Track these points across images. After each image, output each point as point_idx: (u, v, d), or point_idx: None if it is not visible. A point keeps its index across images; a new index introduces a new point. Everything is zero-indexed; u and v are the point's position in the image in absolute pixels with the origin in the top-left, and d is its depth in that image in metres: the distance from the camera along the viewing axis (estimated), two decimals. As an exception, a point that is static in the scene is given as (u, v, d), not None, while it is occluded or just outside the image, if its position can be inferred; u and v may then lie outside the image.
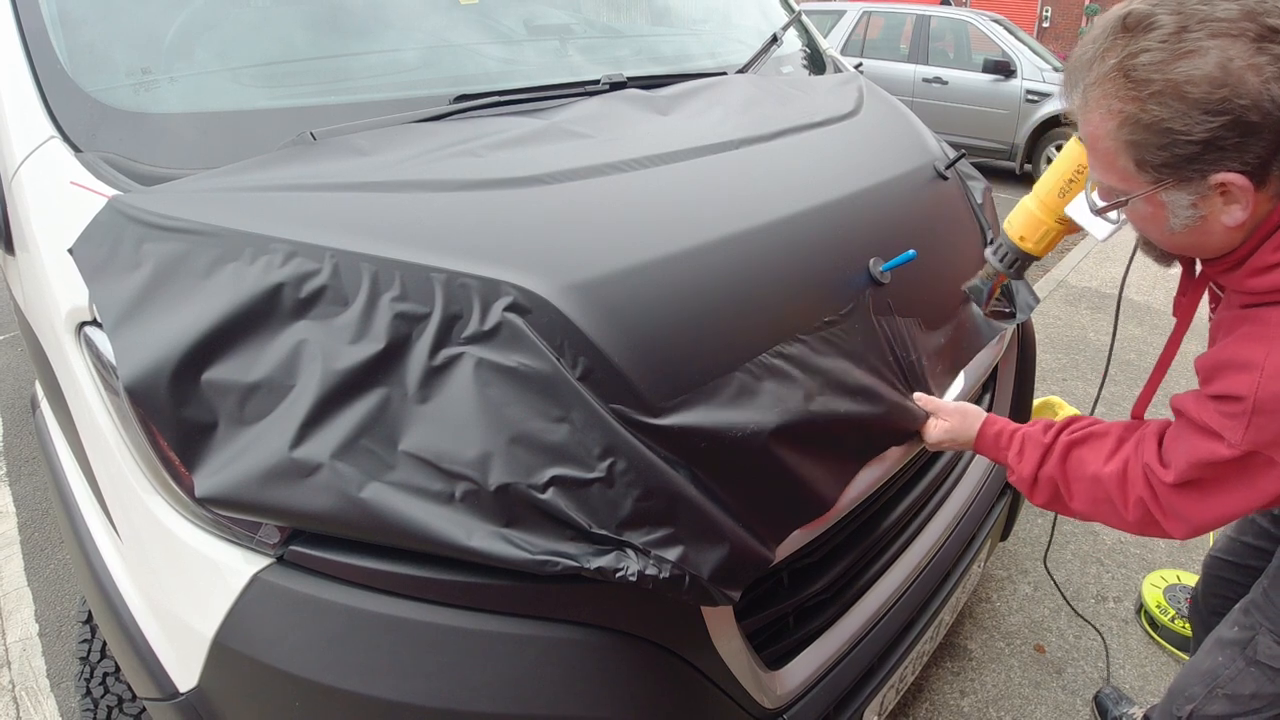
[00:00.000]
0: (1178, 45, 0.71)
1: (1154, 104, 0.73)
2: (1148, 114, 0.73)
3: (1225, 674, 1.15)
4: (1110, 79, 0.76)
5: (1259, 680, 1.12)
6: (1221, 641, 1.18)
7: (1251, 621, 1.14)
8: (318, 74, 1.27)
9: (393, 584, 0.84)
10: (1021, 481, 1.07)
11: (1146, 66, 0.72)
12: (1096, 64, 0.77)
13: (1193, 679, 1.21)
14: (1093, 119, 0.79)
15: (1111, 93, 0.76)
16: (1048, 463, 1.03)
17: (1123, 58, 0.74)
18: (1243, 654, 1.14)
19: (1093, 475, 0.98)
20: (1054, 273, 4.51)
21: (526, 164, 1.07)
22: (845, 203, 1.23)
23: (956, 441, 1.16)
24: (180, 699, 0.90)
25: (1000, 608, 2.03)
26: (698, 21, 2.02)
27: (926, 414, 1.17)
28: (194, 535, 0.87)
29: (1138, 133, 0.75)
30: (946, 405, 1.17)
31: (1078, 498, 1.01)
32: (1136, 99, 0.74)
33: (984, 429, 1.13)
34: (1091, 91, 0.78)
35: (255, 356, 0.82)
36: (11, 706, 1.77)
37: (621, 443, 0.83)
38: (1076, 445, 1.02)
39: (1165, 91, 0.72)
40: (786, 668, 1.10)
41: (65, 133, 1.03)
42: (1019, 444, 1.08)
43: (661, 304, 0.93)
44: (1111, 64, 0.75)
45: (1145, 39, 0.73)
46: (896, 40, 7.23)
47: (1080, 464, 1.00)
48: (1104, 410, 3.00)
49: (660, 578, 0.82)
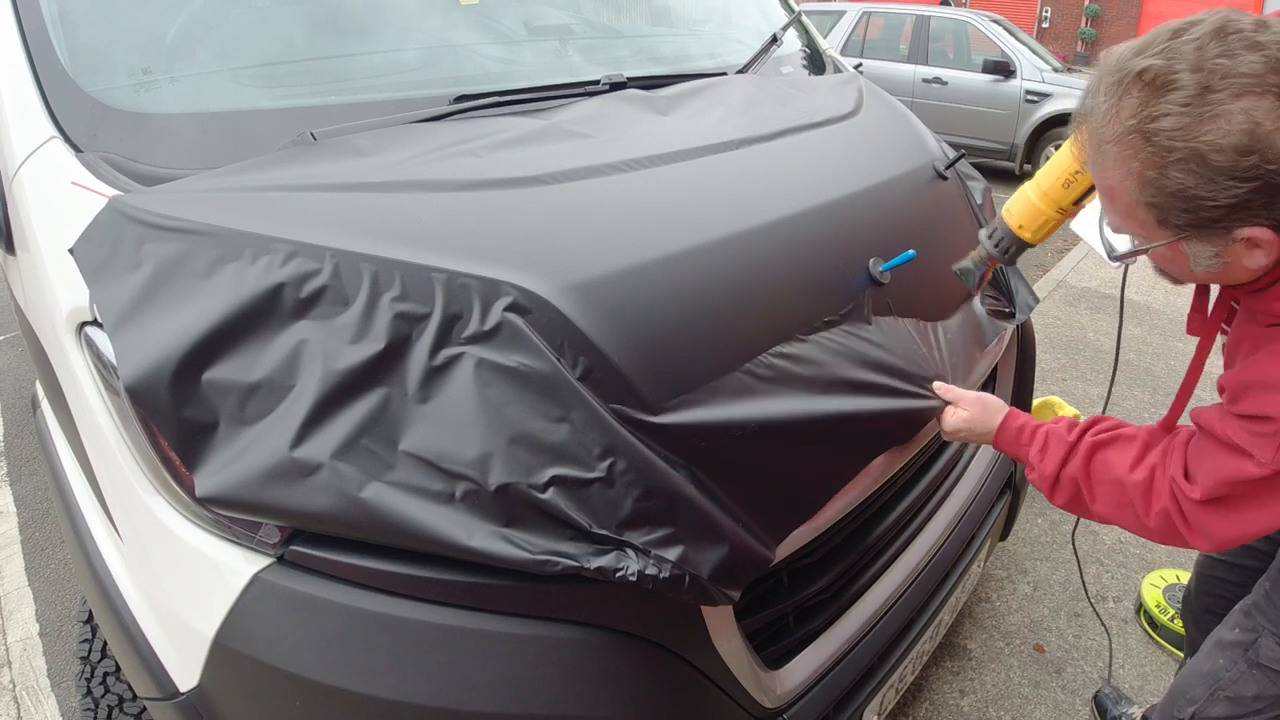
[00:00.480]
0: (1201, 109, 0.67)
1: (1177, 171, 0.69)
2: (1171, 181, 0.70)
3: (1227, 676, 1.15)
4: (1129, 140, 0.72)
5: (1261, 683, 1.12)
6: (1223, 644, 1.18)
7: (1254, 624, 1.14)
8: (318, 74, 1.27)
9: (393, 584, 0.84)
10: (1043, 480, 1.05)
11: (1169, 132, 0.68)
12: (1112, 120, 0.73)
13: (1194, 681, 1.21)
14: (1110, 175, 0.76)
15: (1131, 155, 0.72)
16: (1071, 462, 1.01)
17: (1142, 119, 0.70)
18: (1245, 656, 1.14)
19: (1117, 480, 0.96)
20: (1053, 273, 4.51)
21: (527, 164, 1.07)
22: (845, 203, 1.23)
23: (974, 433, 1.13)
24: (181, 698, 0.90)
25: (1000, 607, 2.03)
26: (698, 22, 2.02)
27: (945, 402, 1.15)
28: (194, 535, 0.87)
29: (1160, 197, 0.72)
30: (967, 395, 1.14)
31: (1100, 500, 0.99)
32: (1158, 165, 0.70)
33: (1006, 422, 1.10)
34: (1107, 149, 0.75)
35: (256, 356, 0.82)
36: (12, 706, 1.77)
37: (621, 442, 0.83)
38: (1102, 447, 1.00)
39: (1190, 159, 0.68)
40: (786, 667, 1.10)
41: (66, 133, 1.03)
42: (1042, 440, 1.05)
43: (661, 304, 0.93)
44: (1130, 124, 0.71)
45: (1165, 101, 0.69)
46: (896, 40, 7.24)
47: (1105, 467, 0.98)
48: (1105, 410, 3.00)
49: (660, 577, 0.82)
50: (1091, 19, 16.06)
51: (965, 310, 1.41)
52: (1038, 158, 6.44)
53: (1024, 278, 1.62)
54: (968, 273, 1.19)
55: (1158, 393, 3.13)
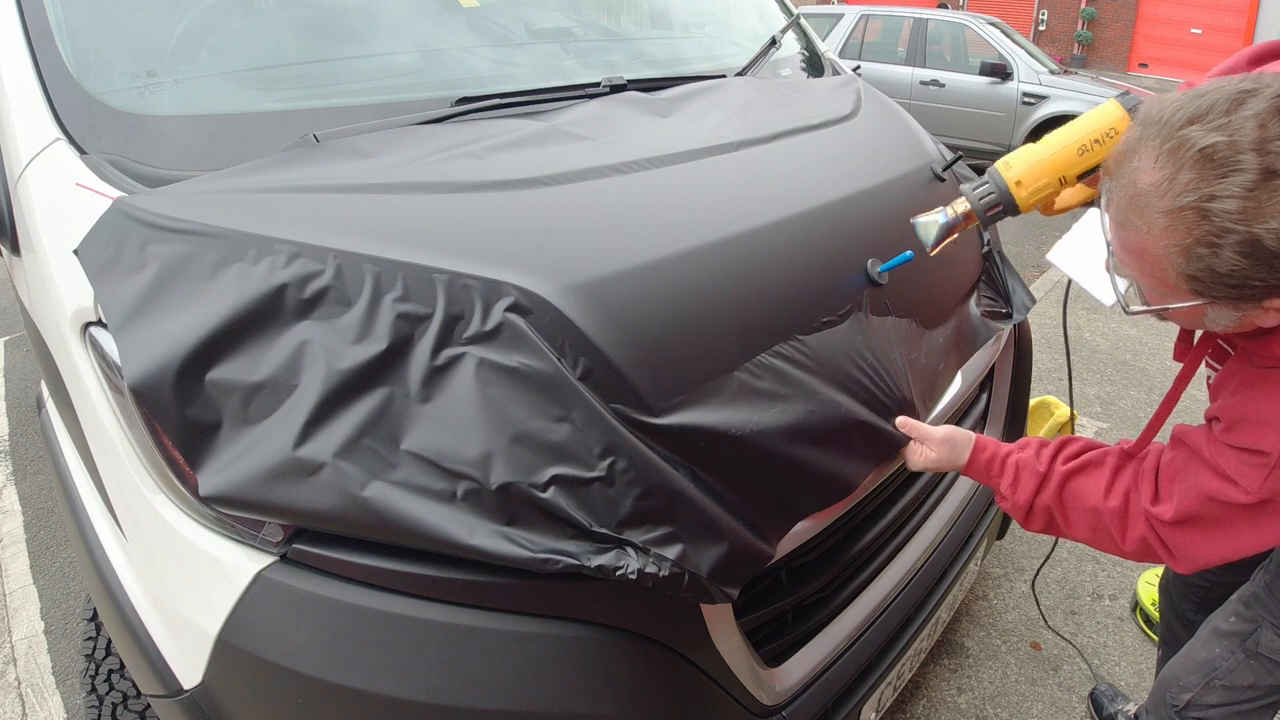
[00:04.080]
0: (1264, 195, 0.67)
1: (1232, 253, 0.69)
2: (1223, 262, 0.70)
3: (1224, 665, 1.16)
4: (1183, 215, 0.71)
5: (1258, 672, 1.14)
6: (1219, 633, 1.19)
7: (1253, 615, 1.15)
8: (321, 77, 1.27)
9: (395, 582, 0.85)
10: (1016, 510, 1.05)
11: (1228, 215, 0.68)
12: (1165, 193, 0.72)
13: (1189, 668, 1.21)
14: (1151, 243, 0.75)
15: (1184, 230, 0.72)
16: (1044, 492, 1.02)
17: (1201, 197, 0.69)
18: (1242, 646, 1.15)
19: (1092, 508, 0.98)
20: (1050, 273, 4.52)
21: (528, 166, 1.07)
22: (843, 204, 1.24)
23: (942, 469, 1.14)
24: (184, 696, 0.91)
25: (997, 605, 2.04)
26: (697, 25, 2.03)
27: (908, 437, 1.13)
28: (198, 533, 0.88)
29: (1206, 274, 0.72)
30: (933, 434, 1.11)
31: (1076, 526, 1.01)
32: (1212, 245, 0.70)
33: (974, 456, 1.10)
34: (1154, 218, 0.73)
35: (259, 356, 0.83)
36: (17, 703, 1.77)
37: (622, 442, 0.84)
38: (1074, 475, 1.01)
39: (1248, 242, 0.68)
40: (785, 665, 1.11)
41: (70, 134, 1.04)
42: (1013, 472, 1.06)
43: (661, 304, 0.94)
44: (1187, 201, 0.70)
45: (1227, 182, 0.68)
46: (894, 43, 7.25)
47: (1078, 495, 1.00)
48: (1100, 409, 3.02)
49: (660, 575, 0.83)
50: (1088, 22, 16.10)
51: (963, 312, 1.42)
52: (1035, 159, 6.46)
53: (1020, 278, 1.63)
54: (929, 226, 1.03)
55: (1153, 392, 3.15)
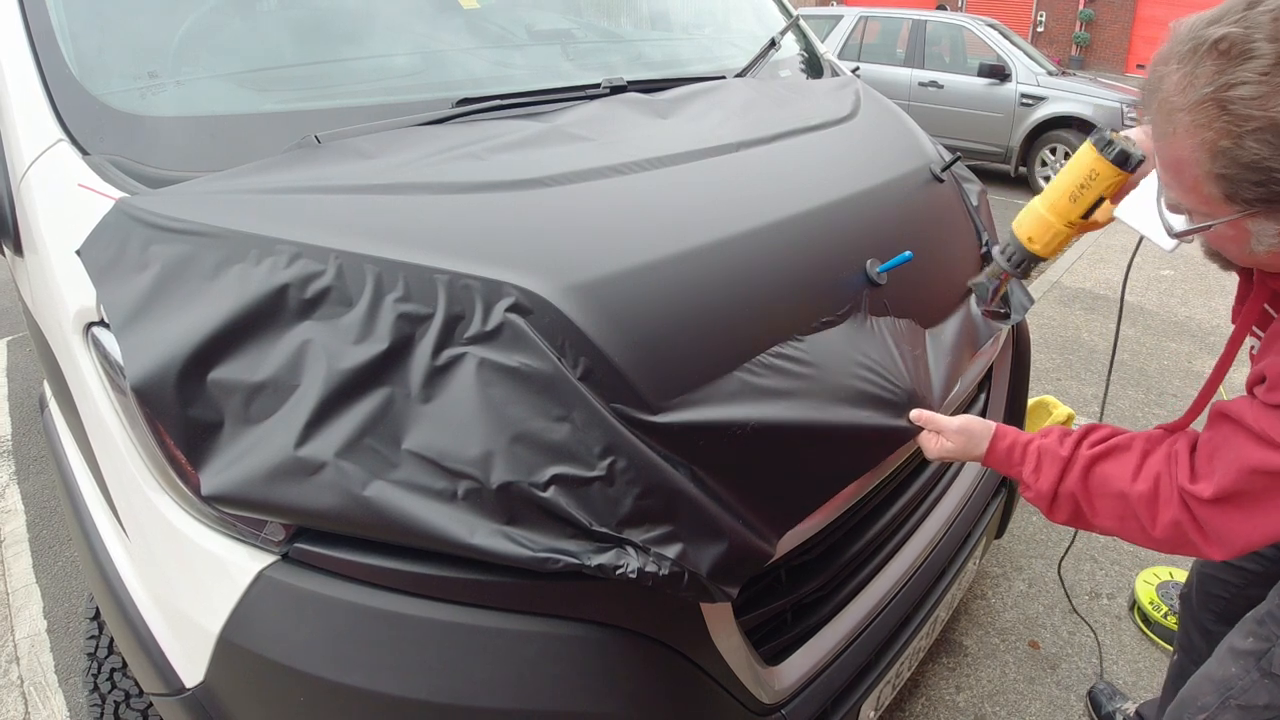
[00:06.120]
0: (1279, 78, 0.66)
1: (1253, 141, 0.68)
2: (1246, 151, 0.69)
3: (1239, 684, 1.13)
4: (1203, 109, 0.70)
5: (1273, 692, 1.10)
6: (1235, 651, 1.15)
7: (1267, 633, 1.11)
8: (323, 78, 1.28)
9: (396, 581, 0.85)
10: (1040, 498, 1.01)
11: (1246, 101, 0.67)
12: (1186, 88, 0.71)
13: (1205, 688, 1.18)
14: (1180, 147, 0.74)
15: (1204, 124, 0.71)
16: (1068, 478, 0.98)
17: (1217, 87, 0.69)
18: (1258, 665, 1.11)
19: (1119, 493, 0.94)
20: (1048, 274, 4.53)
21: (528, 167, 1.08)
22: (842, 205, 1.24)
23: (959, 458, 1.12)
24: (186, 694, 0.91)
25: (995, 604, 2.05)
26: (697, 27, 2.03)
27: (913, 431, 1.13)
28: (200, 533, 0.88)
29: (1232, 168, 0.71)
30: (950, 424, 1.09)
31: (1102, 514, 0.97)
32: (1233, 134, 0.69)
33: (994, 444, 1.07)
34: (1179, 118, 0.73)
35: (261, 356, 0.83)
36: (20, 702, 1.78)
37: (622, 441, 0.84)
38: (1100, 460, 0.97)
39: (1267, 128, 0.67)
40: (784, 663, 1.11)
41: (73, 135, 1.04)
42: (1035, 458, 1.02)
43: (661, 304, 0.94)
44: (1205, 93, 0.70)
45: (1243, 69, 0.67)
46: (893, 45, 7.27)
47: (1105, 480, 0.95)
48: (1100, 409, 3.02)
49: (660, 575, 0.84)
50: (1085, 23, 16.12)
51: (961, 312, 1.42)
52: (1033, 160, 6.48)
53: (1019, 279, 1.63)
54: (982, 288, 1.20)
55: (1151, 392, 3.16)
